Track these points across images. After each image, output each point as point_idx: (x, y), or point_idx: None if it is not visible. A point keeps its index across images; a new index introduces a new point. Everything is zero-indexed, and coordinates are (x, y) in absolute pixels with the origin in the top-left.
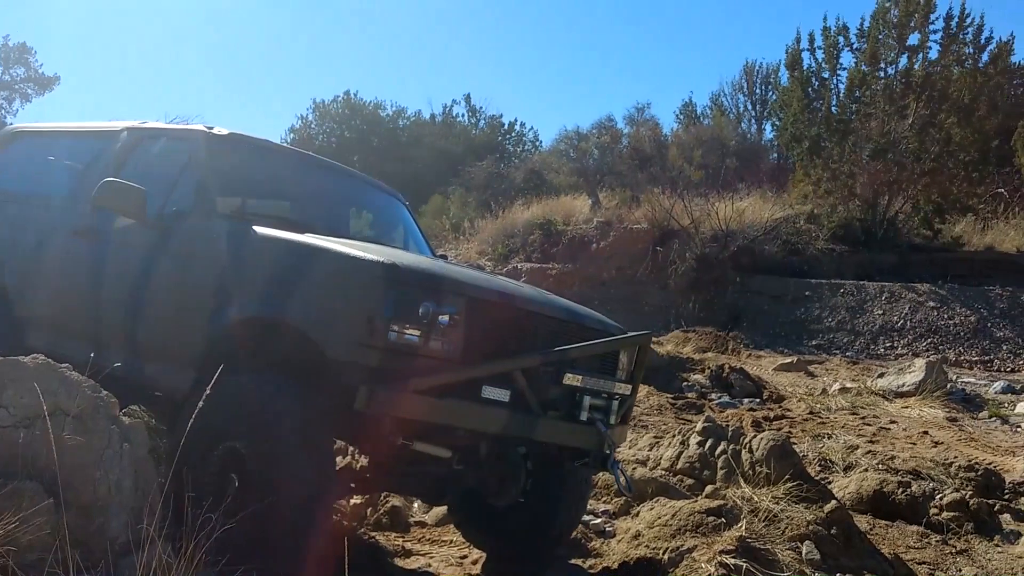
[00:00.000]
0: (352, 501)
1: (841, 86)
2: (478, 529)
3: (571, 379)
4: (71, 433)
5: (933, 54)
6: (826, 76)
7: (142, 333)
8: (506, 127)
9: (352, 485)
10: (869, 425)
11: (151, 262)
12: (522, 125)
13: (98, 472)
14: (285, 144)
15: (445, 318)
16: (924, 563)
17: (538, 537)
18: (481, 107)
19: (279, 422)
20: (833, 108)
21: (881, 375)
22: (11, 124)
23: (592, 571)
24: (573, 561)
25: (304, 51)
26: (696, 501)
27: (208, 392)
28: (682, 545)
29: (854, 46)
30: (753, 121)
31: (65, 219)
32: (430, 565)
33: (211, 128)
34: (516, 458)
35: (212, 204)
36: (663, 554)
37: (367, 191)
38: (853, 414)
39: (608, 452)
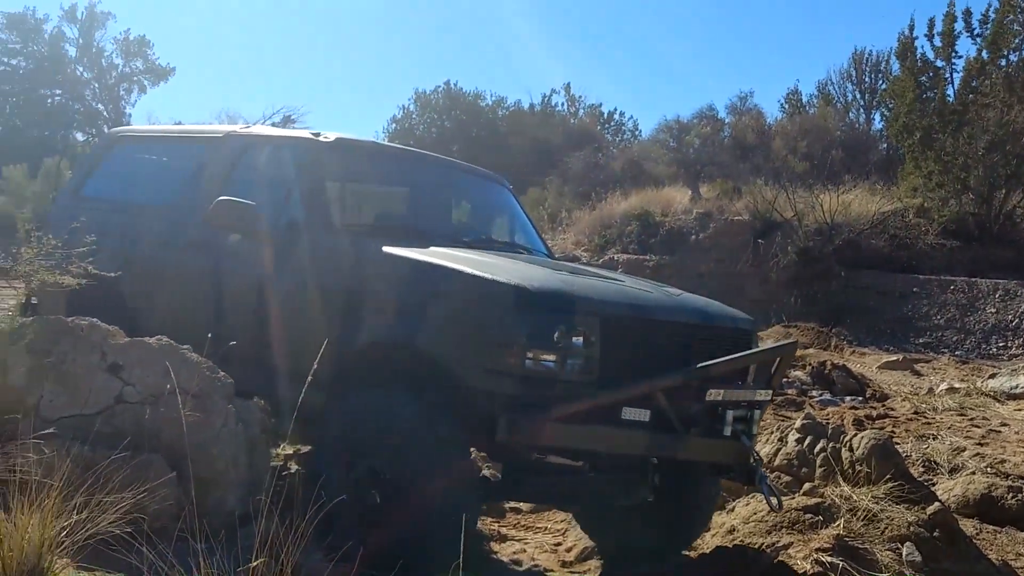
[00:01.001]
0: None
1: (955, 75)
2: (601, 528)
3: (714, 394)
4: (191, 411)
5: None
6: (940, 65)
7: (268, 351)
8: (605, 116)
9: (486, 496)
10: (978, 427)
11: (270, 278)
12: (621, 114)
13: (215, 448)
14: (385, 140)
15: (580, 339)
16: None
17: (665, 542)
18: (580, 96)
19: (419, 442)
20: (948, 97)
21: (993, 376)
22: (129, 113)
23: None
24: None
25: (407, 41)
26: (793, 498)
27: (343, 411)
28: (778, 541)
29: (975, 32)
30: (861, 111)
31: (176, 231)
32: (525, 551)
33: (318, 134)
34: (645, 463)
35: (327, 216)
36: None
37: (474, 182)
38: (961, 415)
39: (755, 465)
